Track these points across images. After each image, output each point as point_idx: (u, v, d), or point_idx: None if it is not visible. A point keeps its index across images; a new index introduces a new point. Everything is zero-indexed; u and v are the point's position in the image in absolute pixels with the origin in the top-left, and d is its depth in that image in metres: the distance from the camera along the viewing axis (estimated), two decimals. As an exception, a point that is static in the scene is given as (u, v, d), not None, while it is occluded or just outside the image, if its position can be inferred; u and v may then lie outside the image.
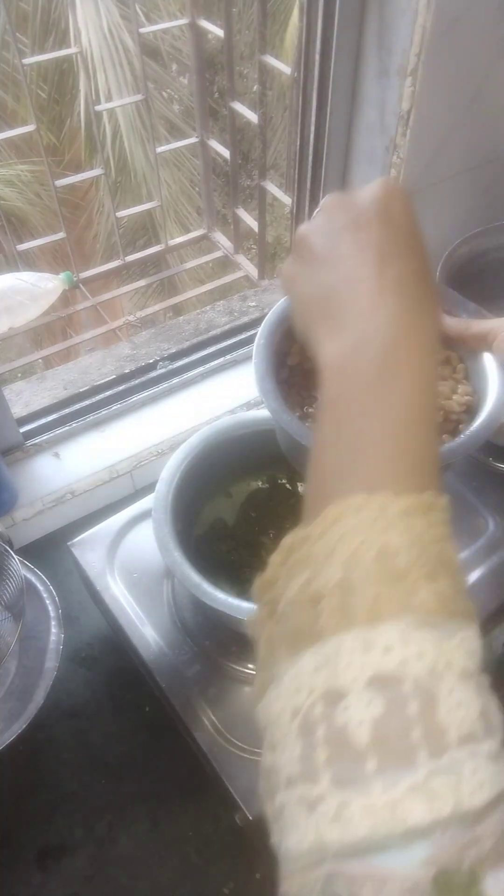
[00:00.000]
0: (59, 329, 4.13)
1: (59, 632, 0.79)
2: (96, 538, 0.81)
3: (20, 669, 0.77)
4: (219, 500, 0.81)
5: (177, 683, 0.70)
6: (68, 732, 0.83)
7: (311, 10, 0.74)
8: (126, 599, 0.76)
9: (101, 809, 0.78)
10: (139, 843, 0.76)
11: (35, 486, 0.95)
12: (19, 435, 0.96)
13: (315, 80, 0.79)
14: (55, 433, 0.99)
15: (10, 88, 3.68)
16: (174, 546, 0.66)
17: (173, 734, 0.75)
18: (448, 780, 0.25)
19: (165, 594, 0.77)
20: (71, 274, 1.13)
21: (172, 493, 0.71)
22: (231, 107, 1.02)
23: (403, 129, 0.79)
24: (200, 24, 0.99)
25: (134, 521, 0.82)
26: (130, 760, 0.81)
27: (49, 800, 0.79)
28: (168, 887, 0.74)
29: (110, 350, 1.15)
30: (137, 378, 1.05)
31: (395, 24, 0.72)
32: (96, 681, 0.86)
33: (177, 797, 0.79)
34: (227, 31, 0.93)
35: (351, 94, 0.81)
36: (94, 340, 1.30)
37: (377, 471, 0.31)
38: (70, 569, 0.84)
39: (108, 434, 1.01)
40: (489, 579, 0.77)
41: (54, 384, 1.08)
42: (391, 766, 0.25)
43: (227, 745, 0.65)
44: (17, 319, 1.04)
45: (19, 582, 0.77)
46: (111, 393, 1.03)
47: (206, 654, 0.72)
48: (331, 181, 0.89)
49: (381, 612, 0.27)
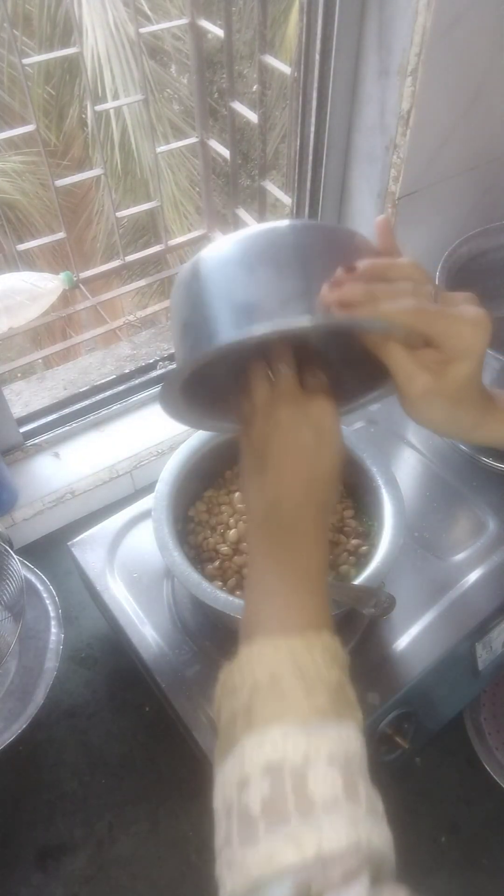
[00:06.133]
0: (59, 329, 4.13)
1: (59, 632, 0.79)
2: (96, 538, 0.81)
3: (20, 669, 0.77)
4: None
5: (177, 683, 0.70)
6: (68, 732, 0.83)
7: (311, 10, 0.74)
8: (126, 599, 0.76)
9: (101, 809, 0.78)
10: (139, 843, 0.76)
11: (35, 486, 0.95)
12: (19, 435, 0.96)
13: (315, 80, 0.79)
14: (55, 433, 0.99)
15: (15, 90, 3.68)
16: (174, 546, 0.66)
17: (173, 734, 0.75)
18: (312, 834, 0.34)
19: (165, 594, 0.77)
20: (71, 274, 1.13)
21: (172, 493, 0.71)
22: (231, 107, 1.02)
23: (403, 129, 0.78)
24: (200, 23, 0.99)
25: (134, 521, 0.82)
26: (130, 760, 0.81)
27: (49, 800, 0.79)
28: (168, 887, 0.74)
29: (110, 350, 1.15)
30: (137, 378, 1.05)
31: (395, 24, 0.72)
32: (96, 681, 0.86)
33: (177, 797, 0.79)
34: (227, 31, 0.93)
35: (351, 94, 0.81)
36: (94, 340, 1.30)
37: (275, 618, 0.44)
38: (70, 569, 0.84)
39: (108, 434, 1.01)
40: (489, 579, 0.77)
41: (54, 384, 1.08)
42: (273, 826, 0.35)
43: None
44: (17, 319, 1.04)
45: (19, 582, 0.77)
46: (111, 393, 1.03)
47: (206, 654, 0.72)
48: (331, 181, 0.89)
49: (270, 719, 0.38)
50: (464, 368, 0.43)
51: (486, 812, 0.83)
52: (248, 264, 0.43)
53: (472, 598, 0.76)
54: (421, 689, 0.71)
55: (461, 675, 0.78)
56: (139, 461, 0.98)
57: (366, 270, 0.41)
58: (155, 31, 3.74)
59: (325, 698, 0.39)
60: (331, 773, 0.36)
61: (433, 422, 0.47)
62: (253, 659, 0.42)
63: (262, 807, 0.36)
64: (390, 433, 0.93)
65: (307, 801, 0.35)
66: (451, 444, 0.92)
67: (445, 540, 0.81)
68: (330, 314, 0.41)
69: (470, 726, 0.88)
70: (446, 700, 0.80)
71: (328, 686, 0.40)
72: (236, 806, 0.37)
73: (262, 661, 0.41)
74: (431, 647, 0.72)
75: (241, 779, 0.38)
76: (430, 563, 0.79)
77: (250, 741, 0.38)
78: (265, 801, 0.36)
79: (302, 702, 0.39)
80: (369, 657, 0.71)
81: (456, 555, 0.80)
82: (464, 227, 0.93)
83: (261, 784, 0.36)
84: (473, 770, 0.85)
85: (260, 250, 0.43)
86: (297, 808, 0.35)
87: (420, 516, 0.83)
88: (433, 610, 0.74)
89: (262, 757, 0.37)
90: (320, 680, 0.40)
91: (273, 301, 0.42)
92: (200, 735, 0.66)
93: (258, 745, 0.38)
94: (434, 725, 0.80)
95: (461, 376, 0.43)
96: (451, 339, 0.42)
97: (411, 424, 0.95)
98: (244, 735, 0.39)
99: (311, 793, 0.36)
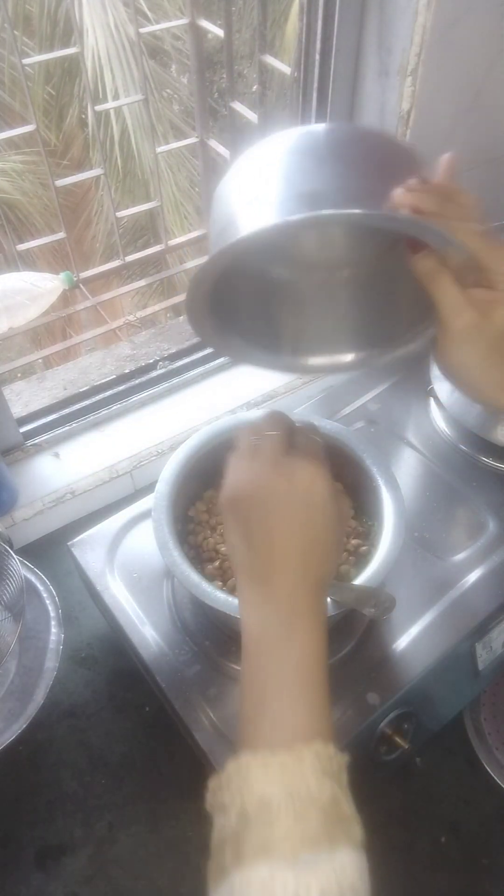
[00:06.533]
0: (59, 329, 4.13)
1: (59, 632, 0.79)
2: (96, 538, 0.81)
3: (20, 669, 0.77)
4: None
5: (177, 683, 0.70)
6: (68, 732, 0.82)
7: (311, 10, 0.74)
8: (126, 599, 0.76)
9: (101, 809, 0.78)
10: (139, 843, 0.76)
11: (35, 486, 0.95)
12: (19, 435, 0.96)
13: (315, 80, 0.79)
14: (55, 433, 0.99)
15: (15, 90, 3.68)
16: (174, 546, 0.66)
17: (173, 734, 0.75)
18: None
19: (165, 594, 0.77)
20: (71, 274, 1.13)
21: (172, 493, 0.71)
22: (231, 107, 1.02)
23: (403, 129, 0.78)
24: (200, 23, 0.99)
25: (134, 521, 0.82)
26: (130, 760, 0.81)
27: (49, 800, 0.79)
28: (168, 887, 0.74)
29: (110, 350, 1.15)
30: (137, 378, 1.05)
31: (395, 24, 0.72)
32: (96, 681, 0.86)
33: (177, 797, 0.79)
34: (227, 31, 0.93)
35: (351, 94, 0.81)
36: (94, 340, 1.30)
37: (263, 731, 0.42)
38: (70, 569, 0.84)
39: (108, 434, 1.01)
40: (489, 579, 0.77)
41: (54, 384, 1.08)
42: None
43: (227, 746, 0.65)
44: (17, 319, 1.04)
45: (19, 582, 0.77)
46: (111, 393, 1.03)
47: (206, 654, 0.72)
48: (331, 181, 0.89)
49: (258, 853, 0.37)
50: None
51: (486, 812, 0.83)
52: (319, 156, 0.40)
53: (472, 598, 0.76)
54: (421, 690, 0.71)
55: (461, 675, 0.78)
56: (139, 461, 0.98)
57: (438, 187, 0.40)
58: (155, 31, 3.74)
59: (316, 822, 0.38)
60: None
61: (465, 366, 0.44)
62: (241, 776, 0.41)
63: None
64: (390, 433, 0.93)
65: None
66: (452, 444, 0.92)
67: (445, 540, 0.81)
68: (400, 214, 0.38)
69: (470, 726, 0.88)
70: (446, 700, 0.80)
71: (321, 807, 0.39)
72: None
73: (250, 781, 0.40)
74: (431, 647, 0.72)
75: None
76: (430, 563, 0.79)
77: (239, 877, 0.37)
78: None
79: (291, 831, 0.37)
80: (369, 657, 0.71)
81: (456, 555, 0.80)
82: (464, 227, 0.93)
83: None
84: (473, 770, 0.85)
85: (330, 145, 0.41)
86: None
87: (420, 516, 0.83)
88: (433, 610, 0.74)
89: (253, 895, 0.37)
90: (311, 801, 0.38)
91: (343, 194, 0.39)
92: (200, 735, 0.66)
93: (247, 884, 0.37)
94: (434, 725, 0.80)
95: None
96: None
97: (411, 424, 0.95)
98: (233, 868, 0.38)
99: None
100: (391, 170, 0.41)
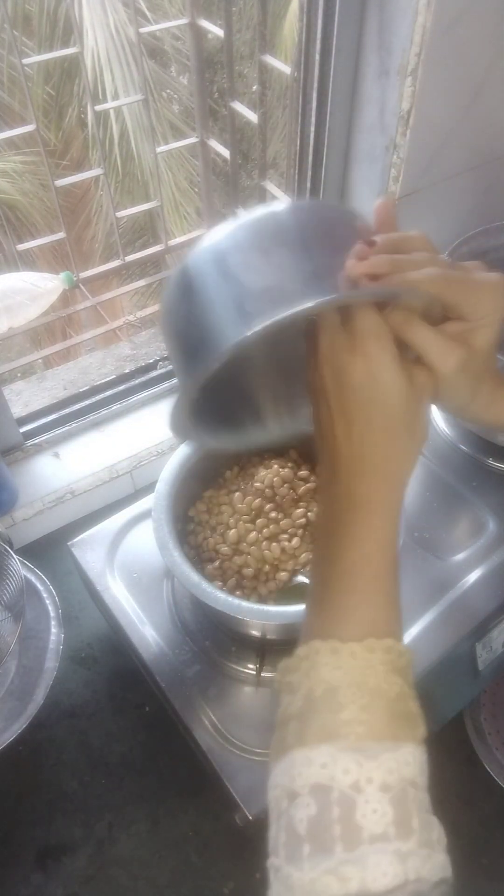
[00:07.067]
0: (59, 329, 4.13)
1: (59, 632, 0.79)
2: (96, 538, 0.81)
3: (20, 669, 0.77)
4: (219, 500, 0.81)
5: (177, 683, 0.70)
6: (68, 732, 0.83)
7: (311, 10, 0.74)
8: (126, 599, 0.76)
9: (101, 809, 0.78)
10: (139, 843, 0.76)
11: (35, 486, 0.95)
12: (19, 435, 0.96)
13: (315, 80, 0.79)
14: (55, 433, 0.99)
15: (15, 90, 3.69)
16: (174, 546, 0.66)
17: (173, 734, 0.75)
18: (355, 868, 0.33)
19: (165, 594, 0.77)
20: (71, 274, 1.13)
21: (172, 493, 0.71)
22: (231, 107, 1.02)
23: (403, 129, 0.78)
24: (200, 23, 0.99)
25: (134, 521, 0.82)
26: (130, 760, 0.81)
27: (49, 800, 0.79)
28: (168, 887, 0.74)
29: (110, 350, 1.15)
30: (137, 378, 1.05)
31: (395, 24, 0.72)
32: (96, 681, 0.86)
33: (177, 797, 0.79)
34: (227, 31, 0.93)
35: (351, 94, 0.81)
36: (93, 340, 1.30)
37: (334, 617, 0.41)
38: (70, 569, 0.84)
39: (108, 434, 1.01)
40: (489, 579, 0.77)
41: (54, 384, 1.08)
42: (317, 852, 0.34)
43: (227, 745, 0.65)
44: (17, 319, 1.04)
45: (19, 582, 0.77)
46: (111, 393, 1.03)
47: (206, 654, 0.72)
48: (331, 181, 0.89)
49: (321, 737, 0.37)
50: (489, 334, 0.42)
51: (486, 812, 0.83)
52: (262, 248, 0.40)
53: (472, 598, 0.76)
54: (421, 690, 0.71)
55: (461, 675, 0.78)
56: (139, 461, 0.98)
57: (384, 243, 0.40)
58: (155, 31, 3.74)
59: (381, 715, 0.38)
60: (381, 805, 0.35)
61: (459, 398, 0.44)
62: (311, 661, 0.40)
63: (308, 828, 0.35)
64: (390, 433, 0.93)
65: (354, 832, 0.34)
66: (452, 444, 0.92)
67: (445, 540, 0.81)
68: (359, 288, 0.39)
69: (470, 726, 0.88)
70: (446, 700, 0.80)
71: (387, 700, 0.38)
72: (285, 817, 0.37)
73: (318, 667, 0.39)
74: (431, 647, 0.72)
75: (289, 791, 0.37)
76: (430, 563, 0.79)
77: (300, 755, 0.37)
78: (311, 823, 0.35)
79: (356, 720, 0.37)
80: (369, 657, 0.71)
81: (456, 555, 0.80)
82: (464, 227, 0.93)
83: (308, 804, 0.35)
84: (473, 770, 0.85)
85: (270, 233, 0.40)
86: (342, 838, 0.34)
87: (420, 516, 0.83)
88: (433, 610, 0.74)
89: (310, 776, 0.36)
90: (379, 694, 0.38)
91: (296, 282, 0.38)
92: (200, 735, 0.66)
93: (307, 763, 0.37)
94: (434, 725, 0.80)
95: (487, 344, 0.42)
96: (476, 305, 0.41)
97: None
98: (295, 746, 0.38)
99: (359, 825, 0.34)
100: (337, 241, 0.40)
